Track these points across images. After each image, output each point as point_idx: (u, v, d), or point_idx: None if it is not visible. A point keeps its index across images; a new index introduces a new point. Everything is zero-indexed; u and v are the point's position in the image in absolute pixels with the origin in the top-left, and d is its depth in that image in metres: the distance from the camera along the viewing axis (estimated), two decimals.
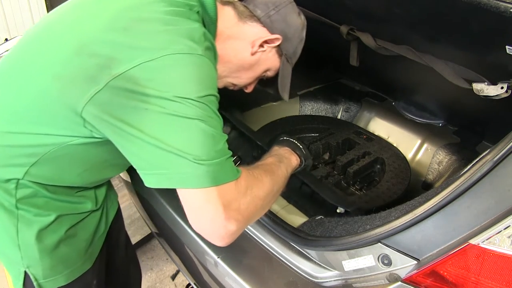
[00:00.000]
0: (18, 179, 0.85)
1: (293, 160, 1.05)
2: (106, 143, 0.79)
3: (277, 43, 1.00)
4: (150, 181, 0.73)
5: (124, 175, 1.52)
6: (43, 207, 0.90)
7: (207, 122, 0.72)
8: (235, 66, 1.00)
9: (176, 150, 0.69)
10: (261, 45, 0.99)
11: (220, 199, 0.72)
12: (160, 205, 1.33)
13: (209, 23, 0.90)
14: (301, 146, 1.10)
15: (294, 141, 1.12)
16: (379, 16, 1.26)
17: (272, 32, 0.99)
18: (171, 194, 1.29)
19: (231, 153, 0.77)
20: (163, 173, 0.71)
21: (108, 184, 1.12)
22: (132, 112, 0.70)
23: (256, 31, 0.98)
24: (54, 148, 0.80)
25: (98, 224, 1.05)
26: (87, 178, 0.95)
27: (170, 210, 1.27)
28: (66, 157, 0.83)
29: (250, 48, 0.98)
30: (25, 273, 0.93)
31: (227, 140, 0.77)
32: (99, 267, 1.08)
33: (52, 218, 0.91)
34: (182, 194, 0.73)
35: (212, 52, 0.85)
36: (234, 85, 1.07)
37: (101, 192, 1.06)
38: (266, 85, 1.14)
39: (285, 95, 1.10)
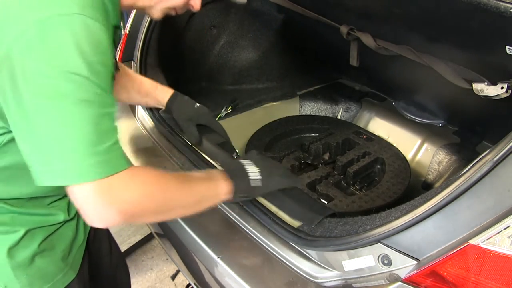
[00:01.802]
0: None
1: (220, 186, 0.89)
2: None
3: None
4: (37, 179, 0.67)
5: None
6: (9, 223, 0.87)
7: (85, 104, 0.63)
8: None
9: (50, 143, 0.63)
10: None
11: (104, 192, 0.67)
12: None
13: None
14: (250, 178, 0.93)
15: (245, 167, 0.95)
16: (379, 16, 1.26)
17: None
18: None
19: (116, 136, 0.70)
20: (47, 169, 0.65)
21: None
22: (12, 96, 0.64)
23: None
24: None
25: (76, 234, 1.02)
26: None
27: None
28: (7, 167, 0.80)
29: None
30: None
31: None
32: (83, 277, 1.05)
33: (21, 233, 0.88)
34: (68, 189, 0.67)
35: (98, 4, 0.71)
36: (173, 8, 0.94)
37: None
38: None
39: None
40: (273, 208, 1.05)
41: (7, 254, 0.87)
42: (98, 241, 1.22)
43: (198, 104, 1.30)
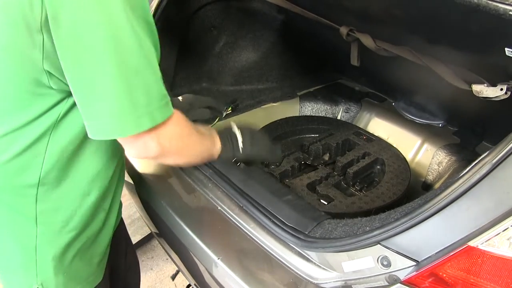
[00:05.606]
0: (37, 185, 0.81)
1: (216, 145, 1.00)
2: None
3: None
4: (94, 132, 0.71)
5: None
6: (67, 221, 0.86)
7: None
8: None
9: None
10: None
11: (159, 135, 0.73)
12: (160, 206, 1.33)
13: None
14: (238, 138, 1.05)
15: (234, 130, 1.06)
16: (379, 17, 1.26)
17: None
18: (171, 196, 1.29)
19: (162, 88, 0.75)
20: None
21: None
22: None
23: None
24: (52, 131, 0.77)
25: (112, 234, 1.02)
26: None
27: (170, 211, 1.27)
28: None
29: None
30: None
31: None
32: (105, 280, 1.05)
33: (73, 234, 0.87)
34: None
35: None
36: None
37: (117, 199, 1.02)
38: None
39: None
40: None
41: (54, 254, 0.86)
42: (116, 241, 1.20)
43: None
